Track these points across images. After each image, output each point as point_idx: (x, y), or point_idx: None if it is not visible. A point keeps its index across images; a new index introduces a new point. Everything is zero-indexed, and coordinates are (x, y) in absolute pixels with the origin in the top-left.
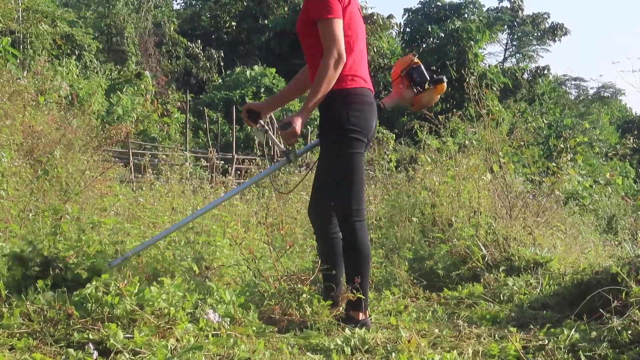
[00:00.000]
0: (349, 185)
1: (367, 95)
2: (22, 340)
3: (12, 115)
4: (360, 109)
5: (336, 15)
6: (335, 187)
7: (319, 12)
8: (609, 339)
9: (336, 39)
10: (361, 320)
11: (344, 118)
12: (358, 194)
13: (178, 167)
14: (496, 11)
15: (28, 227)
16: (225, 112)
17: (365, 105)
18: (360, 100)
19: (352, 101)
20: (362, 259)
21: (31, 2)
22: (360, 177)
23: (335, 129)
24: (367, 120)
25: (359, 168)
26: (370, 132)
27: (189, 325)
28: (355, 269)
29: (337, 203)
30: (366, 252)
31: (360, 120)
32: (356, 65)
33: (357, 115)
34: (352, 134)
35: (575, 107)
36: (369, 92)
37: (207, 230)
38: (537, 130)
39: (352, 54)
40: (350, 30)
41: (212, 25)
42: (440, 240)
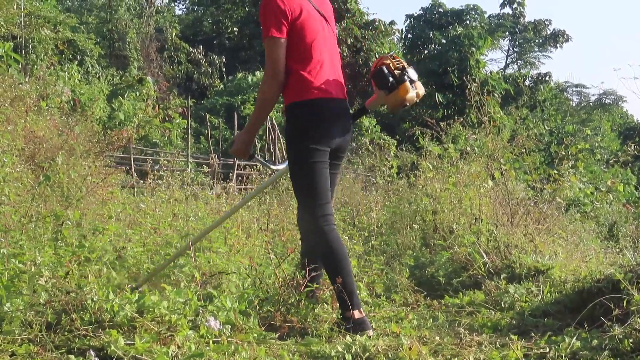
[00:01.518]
0: (313, 194)
1: (321, 106)
2: (23, 347)
3: (14, 120)
4: (313, 120)
5: (274, 34)
6: (302, 195)
7: (262, 31)
8: (610, 348)
9: (272, 59)
10: (357, 318)
11: (297, 130)
12: (322, 201)
13: (179, 172)
14: (498, 18)
15: (29, 233)
16: (226, 118)
17: (321, 114)
18: (314, 110)
19: (304, 113)
20: (338, 260)
21: (33, 8)
22: (322, 185)
23: (293, 141)
24: (325, 129)
25: (320, 176)
26: (331, 139)
27: (190, 332)
28: (335, 270)
29: (305, 210)
30: (340, 253)
31: (316, 130)
32: (312, 75)
33: (310, 126)
34: (308, 144)
35: (577, 114)
36: (326, 101)
37: (208, 237)
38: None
39: (309, 64)
40: (303, 42)
41: (214, 30)
42: (441, 247)
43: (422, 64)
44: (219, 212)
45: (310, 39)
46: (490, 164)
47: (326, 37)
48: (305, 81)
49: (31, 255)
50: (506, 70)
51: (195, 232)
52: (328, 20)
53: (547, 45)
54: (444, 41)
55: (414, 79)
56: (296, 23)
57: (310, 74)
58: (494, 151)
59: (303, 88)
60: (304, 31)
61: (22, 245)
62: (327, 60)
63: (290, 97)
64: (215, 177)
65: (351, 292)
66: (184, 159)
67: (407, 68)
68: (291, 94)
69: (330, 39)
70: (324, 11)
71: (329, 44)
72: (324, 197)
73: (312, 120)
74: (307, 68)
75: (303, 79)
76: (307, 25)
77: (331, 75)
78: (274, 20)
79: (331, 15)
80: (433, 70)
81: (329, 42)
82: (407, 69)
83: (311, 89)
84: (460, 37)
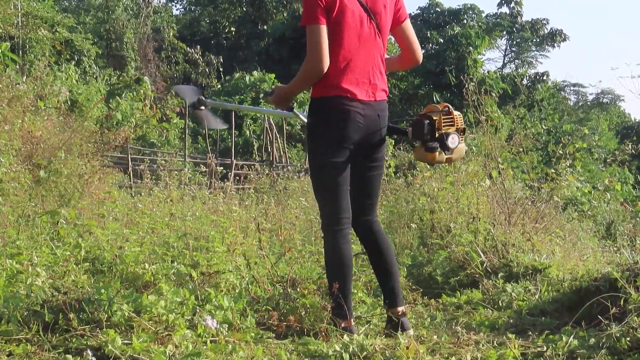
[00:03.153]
0: (324, 194)
1: (339, 105)
2: (20, 346)
3: (11, 120)
4: (328, 118)
5: (310, 22)
6: (316, 194)
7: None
8: (608, 346)
9: (309, 45)
10: (342, 326)
11: (313, 127)
12: (333, 202)
13: (177, 172)
14: (495, 17)
15: (26, 232)
16: (224, 118)
17: (337, 114)
18: (330, 109)
19: (320, 110)
20: (333, 267)
21: (30, 8)
22: (334, 185)
23: (310, 138)
24: (341, 128)
25: (329, 178)
26: (347, 140)
27: (187, 331)
28: (331, 276)
29: (319, 209)
30: (335, 261)
31: (330, 129)
32: (336, 73)
33: (325, 124)
34: (322, 143)
35: (574, 113)
36: (346, 101)
37: (205, 236)
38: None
39: (336, 61)
40: (334, 38)
41: (211, 30)
42: (438, 246)
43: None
44: (216, 211)
45: (341, 35)
46: (488, 163)
47: (364, 33)
48: (327, 78)
49: (28, 255)
50: (504, 69)
51: (192, 231)
52: (376, 15)
53: (544, 45)
54: (441, 40)
55: (451, 146)
56: (331, 17)
57: (334, 71)
58: (491, 150)
59: (324, 84)
60: (336, 26)
61: (19, 245)
62: (359, 58)
63: (314, 92)
64: (212, 176)
65: (342, 302)
66: (182, 159)
67: (452, 134)
68: (315, 89)
69: (371, 36)
70: (374, 6)
71: (367, 41)
72: (336, 198)
73: (327, 118)
74: (333, 65)
75: (327, 75)
76: (340, 20)
77: (362, 74)
78: (311, 9)
79: (382, 11)
80: (430, 69)
81: (368, 40)
82: (451, 135)
83: (331, 87)
84: (458, 37)
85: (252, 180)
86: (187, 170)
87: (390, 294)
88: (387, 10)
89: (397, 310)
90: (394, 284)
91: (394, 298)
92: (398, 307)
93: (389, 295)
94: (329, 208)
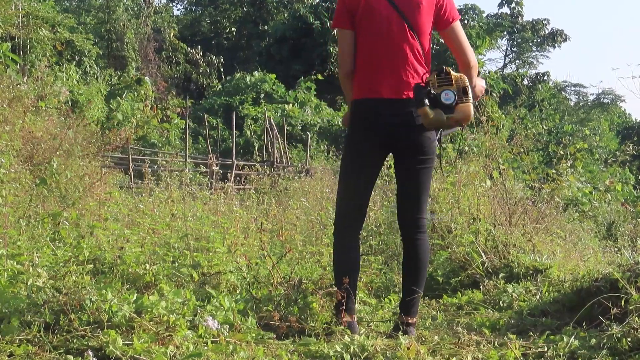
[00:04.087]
0: (341, 192)
1: (365, 106)
2: (21, 347)
3: (12, 120)
4: (355, 119)
5: (335, 25)
6: (338, 190)
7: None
8: (609, 347)
9: (339, 50)
10: (344, 321)
11: (349, 128)
12: (348, 201)
13: (178, 173)
14: (496, 17)
15: (27, 233)
16: (225, 118)
17: (362, 114)
18: (357, 110)
19: (352, 112)
20: (339, 265)
21: (31, 8)
22: (352, 185)
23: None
24: (365, 129)
25: (347, 178)
26: (373, 140)
27: (188, 332)
28: (335, 273)
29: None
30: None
31: (357, 130)
32: (362, 75)
33: (354, 125)
34: (349, 143)
35: (575, 114)
36: (372, 102)
37: (206, 236)
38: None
39: (362, 62)
40: (360, 39)
41: (212, 31)
42: (439, 246)
43: None
44: (216, 212)
45: (367, 36)
46: (489, 163)
47: (393, 33)
48: (357, 78)
49: (29, 255)
50: (504, 69)
51: (193, 232)
52: (408, 14)
53: (545, 45)
54: (442, 41)
55: (445, 102)
56: (354, 15)
57: (360, 73)
58: (492, 151)
59: (356, 86)
60: (361, 27)
61: (20, 246)
62: (387, 57)
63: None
64: (213, 177)
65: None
66: (182, 160)
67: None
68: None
69: (401, 35)
70: (405, 5)
71: (396, 40)
72: (351, 197)
73: (355, 119)
74: (361, 65)
75: (357, 76)
76: (365, 21)
77: (388, 74)
78: (337, 13)
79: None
80: (431, 70)
81: (398, 39)
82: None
83: (358, 89)
84: None
85: (253, 181)
86: (187, 171)
87: (407, 303)
88: (423, 10)
89: (406, 319)
90: (415, 292)
91: (409, 309)
92: (408, 317)
93: (405, 304)
94: (343, 206)
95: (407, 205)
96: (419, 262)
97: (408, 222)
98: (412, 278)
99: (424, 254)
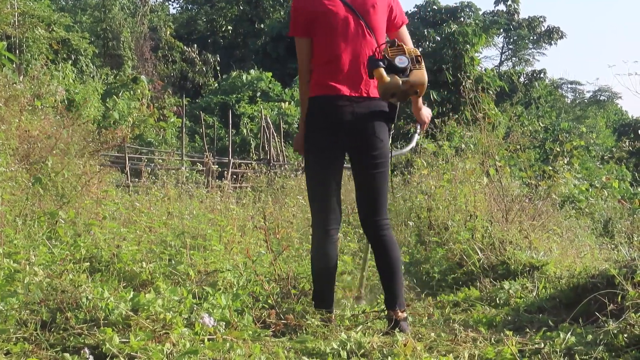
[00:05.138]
0: (311, 194)
1: (325, 103)
2: (17, 345)
3: (8, 119)
4: (315, 117)
5: (292, 33)
6: (308, 194)
7: None
8: (605, 343)
9: (297, 57)
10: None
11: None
12: (319, 202)
13: (174, 171)
14: (492, 15)
15: (24, 232)
16: (221, 116)
17: (323, 112)
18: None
19: (311, 109)
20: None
21: (27, 7)
22: (317, 188)
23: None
24: (327, 127)
25: (314, 178)
26: (335, 138)
27: (185, 329)
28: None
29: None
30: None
31: (317, 129)
32: (322, 73)
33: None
34: (311, 143)
35: (572, 111)
36: (332, 99)
37: (202, 234)
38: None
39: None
40: (318, 40)
41: (208, 29)
42: (436, 244)
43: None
44: (213, 210)
45: (325, 38)
46: (485, 160)
47: (351, 33)
48: (314, 78)
49: (26, 254)
50: (501, 67)
51: (190, 230)
52: (364, 14)
53: (541, 42)
54: (438, 38)
55: (399, 65)
56: (312, 21)
57: (321, 71)
58: (488, 148)
59: (313, 85)
60: (318, 29)
61: (16, 244)
62: (347, 57)
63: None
64: (210, 175)
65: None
66: (179, 158)
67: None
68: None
69: (359, 35)
70: (360, 6)
71: (355, 40)
72: (323, 197)
73: (313, 118)
74: (319, 65)
75: (314, 75)
76: (322, 24)
77: (351, 72)
78: (291, 20)
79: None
80: (427, 67)
81: (356, 39)
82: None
83: (319, 86)
84: (455, 35)
85: (250, 179)
86: (184, 169)
87: (390, 297)
88: (378, 10)
89: (395, 312)
90: (394, 287)
91: (393, 301)
92: (397, 310)
93: (388, 298)
94: (317, 207)
95: (366, 209)
96: (389, 259)
97: (369, 224)
98: (387, 274)
99: (393, 249)
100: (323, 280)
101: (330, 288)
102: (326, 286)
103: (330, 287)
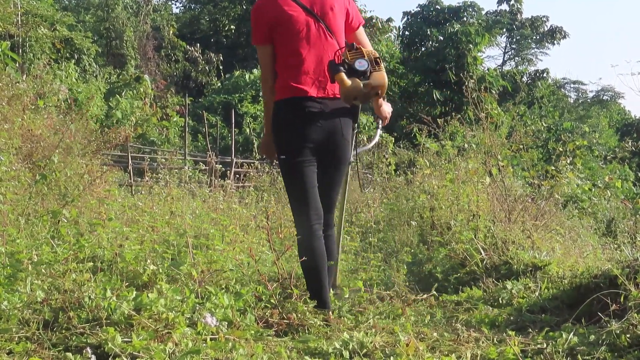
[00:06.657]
0: (291, 194)
1: (292, 105)
2: (20, 344)
3: (11, 119)
4: (284, 120)
5: (254, 42)
6: (287, 194)
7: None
8: (608, 343)
9: (260, 64)
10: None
11: (274, 130)
12: (300, 202)
13: (177, 170)
14: (495, 14)
15: (27, 231)
16: (224, 116)
17: (292, 114)
18: (284, 110)
19: (277, 113)
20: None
21: (30, 6)
22: (295, 188)
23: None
24: (296, 129)
25: (291, 179)
26: (305, 139)
27: (187, 329)
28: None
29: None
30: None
31: (287, 130)
32: (287, 76)
33: (282, 126)
34: (282, 145)
35: (575, 111)
36: (299, 101)
37: (205, 234)
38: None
39: (286, 65)
40: (281, 45)
41: (211, 28)
42: (439, 243)
43: (419, 61)
44: (216, 209)
45: (289, 42)
46: (488, 160)
47: (313, 36)
48: (280, 81)
49: (28, 253)
50: (504, 67)
51: (192, 229)
52: (324, 17)
53: (544, 42)
54: (441, 38)
55: (359, 69)
56: (274, 28)
57: (287, 74)
58: (491, 148)
59: (279, 88)
60: (281, 34)
61: (19, 244)
62: (311, 59)
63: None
64: (212, 174)
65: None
66: (182, 157)
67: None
68: (276, 94)
69: (321, 37)
70: (320, 9)
71: (317, 42)
72: (303, 196)
73: (283, 120)
74: (285, 69)
75: (280, 79)
76: (285, 29)
77: (316, 74)
78: (253, 29)
79: (330, 12)
80: (430, 67)
81: (319, 41)
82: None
83: (283, 89)
84: (458, 34)
85: (252, 178)
86: (187, 169)
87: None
88: (336, 12)
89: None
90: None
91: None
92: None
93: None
94: (298, 206)
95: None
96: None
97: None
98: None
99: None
100: (315, 278)
101: (324, 284)
102: (319, 283)
103: (324, 283)
